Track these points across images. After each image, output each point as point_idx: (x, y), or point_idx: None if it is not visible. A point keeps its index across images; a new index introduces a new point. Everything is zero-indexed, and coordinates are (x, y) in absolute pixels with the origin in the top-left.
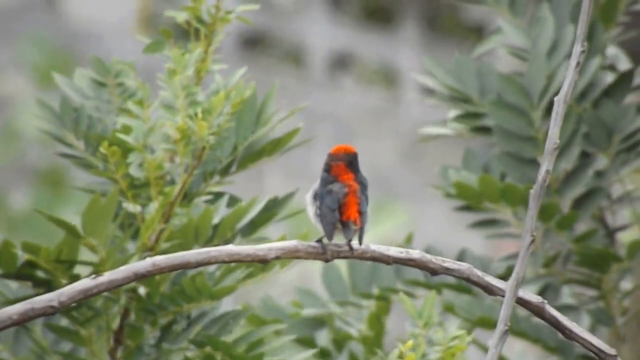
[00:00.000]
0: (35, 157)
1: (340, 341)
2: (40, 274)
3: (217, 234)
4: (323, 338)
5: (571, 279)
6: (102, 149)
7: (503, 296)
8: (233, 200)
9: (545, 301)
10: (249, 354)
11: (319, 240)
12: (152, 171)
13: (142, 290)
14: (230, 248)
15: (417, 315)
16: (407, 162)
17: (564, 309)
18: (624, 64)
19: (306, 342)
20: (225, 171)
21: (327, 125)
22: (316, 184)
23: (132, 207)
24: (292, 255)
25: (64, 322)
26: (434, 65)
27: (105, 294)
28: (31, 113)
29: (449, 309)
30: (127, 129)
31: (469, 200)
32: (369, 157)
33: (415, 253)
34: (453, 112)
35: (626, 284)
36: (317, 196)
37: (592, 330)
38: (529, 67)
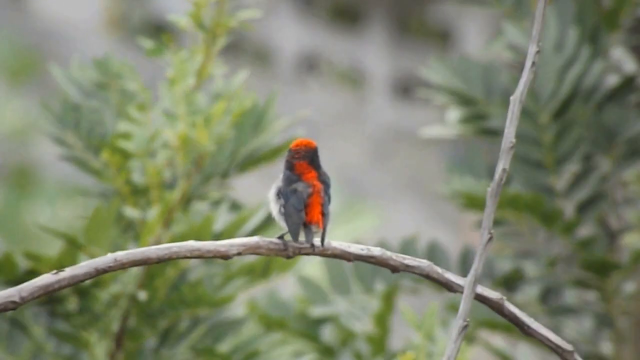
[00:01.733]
0: (3, 154)
1: (345, 339)
2: None
3: None
4: (327, 333)
5: (573, 281)
6: (103, 157)
7: (462, 292)
8: (235, 206)
9: (504, 297)
10: None
11: (281, 237)
12: (153, 177)
13: (142, 296)
14: (192, 244)
15: (417, 327)
16: (375, 163)
17: (566, 310)
18: (630, 67)
19: (310, 338)
20: (225, 174)
21: (295, 126)
22: (279, 181)
23: (132, 212)
24: (253, 252)
25: (65, 326)
26: (441, 66)
27: (105, 299)
28: None
29: (453, 308)
30: (127, 136)
31: (477, 208)
32: (337, 158)
33: (376, 250)
34: (453, 114)
35: (628, 287)
36: (280, 194)
37: (595, 332)
38: (536, 69)
